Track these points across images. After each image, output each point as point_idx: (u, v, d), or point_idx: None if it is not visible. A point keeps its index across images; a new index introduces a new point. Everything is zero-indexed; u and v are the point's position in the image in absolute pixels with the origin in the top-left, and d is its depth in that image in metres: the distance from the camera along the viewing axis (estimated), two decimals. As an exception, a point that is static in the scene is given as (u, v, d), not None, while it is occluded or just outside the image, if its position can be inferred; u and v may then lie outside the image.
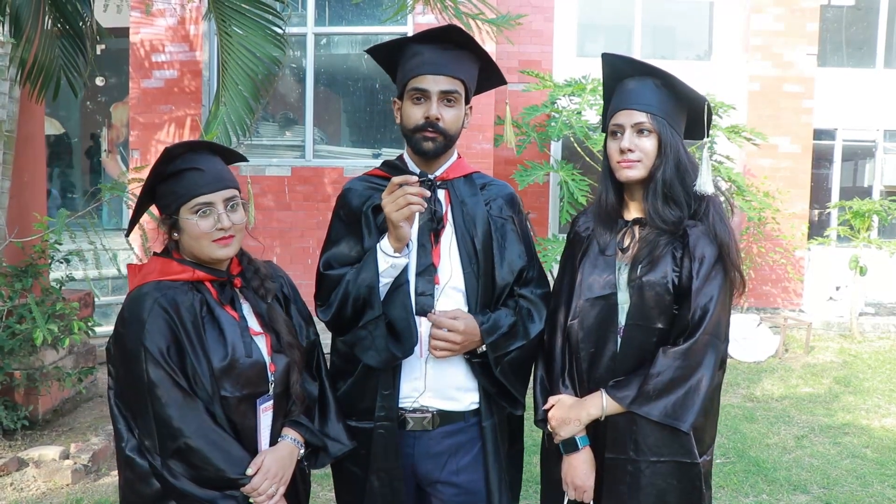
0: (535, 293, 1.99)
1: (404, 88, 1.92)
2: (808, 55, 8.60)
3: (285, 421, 1.84)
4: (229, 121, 4.21)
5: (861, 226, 7.86)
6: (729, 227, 1.83)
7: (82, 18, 4.15)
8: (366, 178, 2.04)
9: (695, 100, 1.89)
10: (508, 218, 2.00)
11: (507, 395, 1.97)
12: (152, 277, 1.75)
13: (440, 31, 1.90)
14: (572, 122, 6.74)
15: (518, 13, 5.49)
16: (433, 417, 1.90)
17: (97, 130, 9.46)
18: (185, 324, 1.69)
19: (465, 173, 2.02)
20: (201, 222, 1.73)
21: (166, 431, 1.63)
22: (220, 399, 1.70)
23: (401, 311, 1.82)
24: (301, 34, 7.13)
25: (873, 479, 4.04)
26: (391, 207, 1.76)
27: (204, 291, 1.77)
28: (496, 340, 1.88)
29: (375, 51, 2.02)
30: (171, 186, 1.76)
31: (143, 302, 1.69)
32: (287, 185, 7.09)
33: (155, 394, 1.63)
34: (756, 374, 6.29)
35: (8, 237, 4.22)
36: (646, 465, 1.78)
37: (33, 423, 4.45)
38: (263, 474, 1.70)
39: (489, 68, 2.01)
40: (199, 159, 1.77)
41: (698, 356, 1.76)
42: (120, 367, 1.71)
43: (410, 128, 1.91)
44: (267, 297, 1.87)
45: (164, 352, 1.65)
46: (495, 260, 1.93)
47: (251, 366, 1.74)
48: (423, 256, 1.89)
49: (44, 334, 3.86)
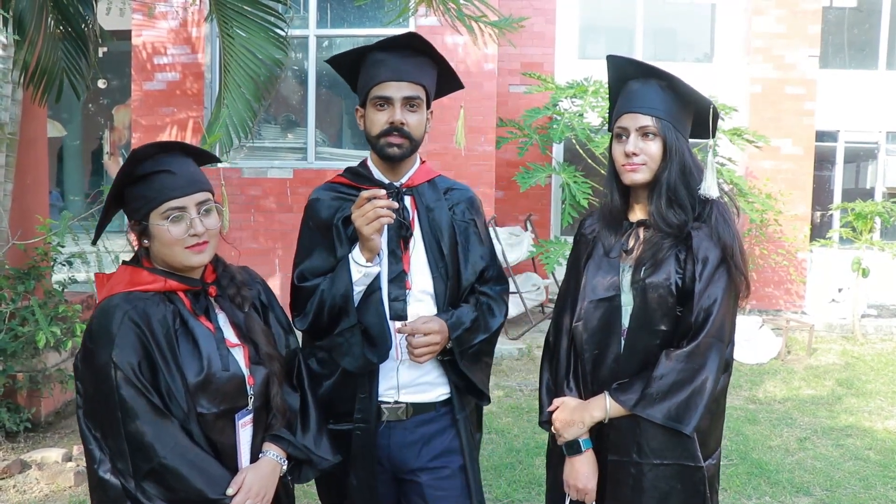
0: (495, 290, 2.08)
1: (367, 96, 1.97)
2: (810, 57, 8.60)
3: (266, 435, 1.76)
4: (231, 123, 4.21)
5: (863, 228, 7.84)
6: (733, 230, 1.83)
7: (85, 21, 4.17)
8: (331, 186, 2.08)
9: (700, 102, 1.89)
10: (470, 221, 2.07)
11: (474, 389, 2.05)
12: (120, 288, 1.65)
13: (401, 39, 1.96)
14: (574, 124, 6.74)
15: (520, 16, 5.49)
16: (407, 408, 1.98)
17: (100, 133, 9.48)
18: (157, 338, 1.60)
19: (429, 178, 2.07)
20: (173, 228, 1.63)
21: (139, 452, 1.54)
22: (196, 416, 1.61)
23: (375, 317, 1.89)
24: (303, 36, 7.13)
25: (876, 482, 4.03)
26: (361, 221, 1.81)
27: (177, 302, 1.68)
28: (461, 335, 1.95)
29: (336, 60, 2.07)
30: (141, 190, 1.66)
31: (111, 315, 1.59)
32: (289, 187, 7.09)
33: (126, 412, 1.54)
34: (758, 376, 6.28)
35: (11, 239, 4.23)
36: (649, 467, 1.77)
37: (36, 425, 4.45)
38: (245, 493, 1.62)
39: (447, 73, 2.07)
40: (169, 161, 1.67)
41: (702, 358, 1.76)
42: (89, 385, 1.62)
43: (375, 134, 1.96)
44: (244, 306, 1.79)
45: (135, 368, 1.55)
46: (460, 262, 2.01)
47: (228, 379, 1.66)
48: (395, 263, 1.95)
49: (46, 337, 3.86)
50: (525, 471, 4.05)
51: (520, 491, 3.80)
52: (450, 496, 2.00)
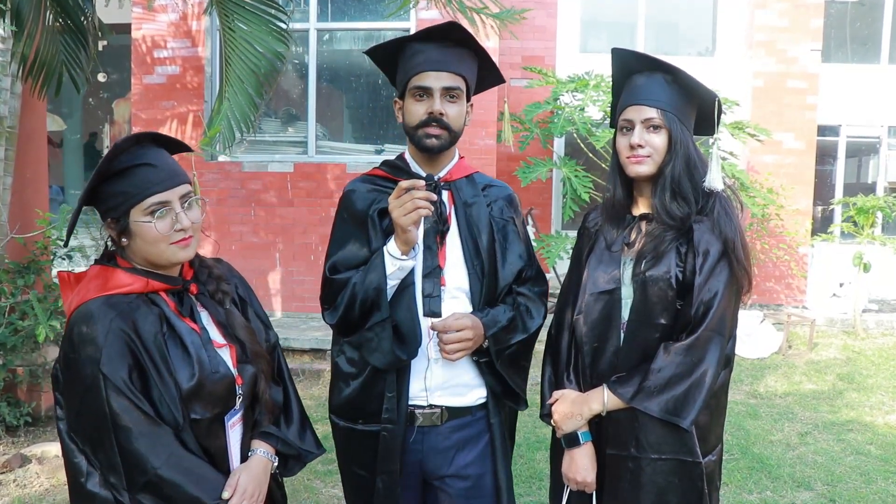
0: (533, 291, 2.02)
1: (406, 87, 1.91)
2: (812, 51, 8.56)
3: (254, 433, 1.74)
4: (233, 116, 4.19)
5: (865, 222, 7.82)
6: (735, 224, 1.81)
7: (84, 14, 4.15)
8: (367, 178, 2.03)
9: (705, 95, 1.88)
10: (509, 219, 2.02)
11: (512, 393, 1.99)
12: (95, 291, 1.55)
13: (441, 29, 1.90)
14: (575, 118, 6.72)
15: (521, 8, 5.46)
16: (442, 412, 1.92)
17: (99, 127, 9.46)
18: (147, 345, 1.52)
19: (467, 174, 2.03)
20: (159, 224, 1.55)
21: (134, 465, 1.48)
22: (190, 422, 1.55)
23: (406, 313, 1.84)
24: (303, 30, 7.10)
25: (877, 476, 4.02)
26: (399, 212, 1.75)
27: (160, 303, 1.59)
28: (497, 334, 1.90)
29: (375, 52, 2.01)
30: (119, 186, 1.55)
31: (94, 322, 1.50)
32: (289, 181, 7.08)
33: (119, 425, 1.47)
34: (759, 370, 6.27)
35: (10, 233, 4.22)
36: (647, 462, 1.77)
37: (36, 419, 4.45)
38: (240, 495, 1.60)
39: (488, 67, 2.02)
40: (147, 154, 1.57)
41: (701, 352, 1.75)
42: (74, 397, 1.53)
43: (414, 124, 1.90)
44: (224, 302, 1.72)
45: (125, 379, 1.48)
46: (498, 261, 1.96)
47: (219, 382, 1.60)
48: (430, 259, 1.89)
49: (46, 331, 3.85)
50: (526, 465, 4.05)
51: (521, 485, 3.79)
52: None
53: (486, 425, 1.97)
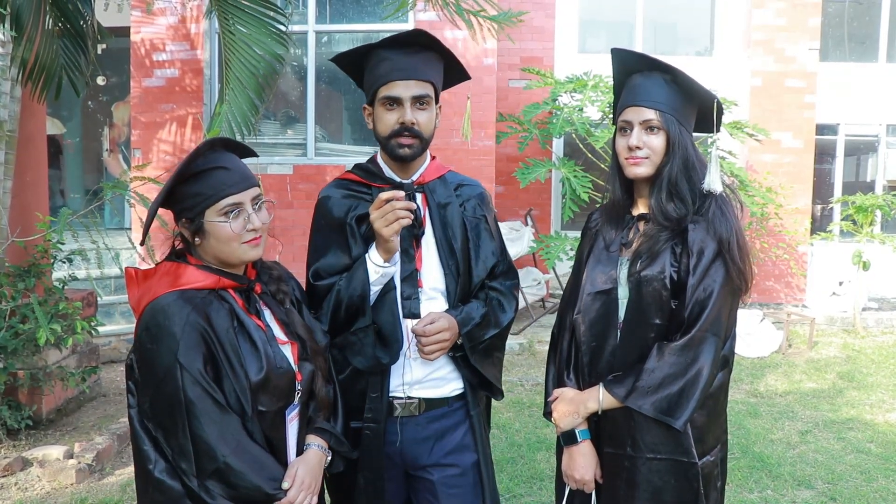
0: (505, 285, 2.08)
1: (375, 95, 1.94)
2: (811, 50, 8.58)
3: (309, 428, 1.82)
4: (234, 118, 4.19)
5: (864, 221, 7.83)
6: (731, 224, 1.81)
7: (83, 17, 4.15)
8: (341, 183, 2.06)
9: (704, 96, 1.88)
10: (482, 217, 2.07)
11: (487, 384, 2.05)
12: (167, 286, 1.64)
13: (406, 36, 1.93)
14: (574, 118, 6.73)
15: (519, 10, 5.47)
16: (419, 403, 1.98)
17: (99, 130, 9.47)
18: (220, 337, 1.61)
19: (440, 174, 2.06)
20: (233, 224, 1.65)
21: (205, 451, 1.56)
22: (257, 414, 1.64)
23: (388, 317, 1.90)
24: (302, 32, 7.11)
25: (878, 475, 4.03)
26: (381, 223, 1.80)
27: (229, 300, 1.69)
28: (471, 331, 1.96)
29: (340, 59, 2.05)
30: (196, 187, 1.65)
31: (171, 314, 1.59)
32: (289, 183, 7.09)
33: (193, 413, 1.56)
34: (759, 369, 6.28)
35: (10, 237, 4.22)
36: (642, 461, 1.77)
37: (37, 422, 4.46)
38: (298, 486, 1.68)
39: (453, 65, 2.05)
40: (221, 158, 1.69)
41: (694, 352, 1.75)
42: (149, 386, 1.61)
43: (386, 134, 1.94)
44: (285, 302, 1.81)
45: (201, 369, 1.57)
46: (472, 259, 2.01)
47: (283, 376, 1.69)
48: (407, 262, 1.95)
49: (47, 334, 3.86)
50: (527, 465, 4.06)
51: (521, 486, 3.80)
52: (462, 494, 1.99)
53: (465, 416, 2.02)
